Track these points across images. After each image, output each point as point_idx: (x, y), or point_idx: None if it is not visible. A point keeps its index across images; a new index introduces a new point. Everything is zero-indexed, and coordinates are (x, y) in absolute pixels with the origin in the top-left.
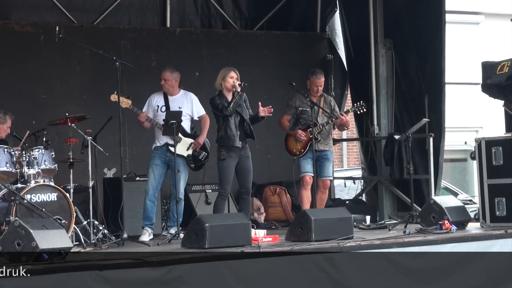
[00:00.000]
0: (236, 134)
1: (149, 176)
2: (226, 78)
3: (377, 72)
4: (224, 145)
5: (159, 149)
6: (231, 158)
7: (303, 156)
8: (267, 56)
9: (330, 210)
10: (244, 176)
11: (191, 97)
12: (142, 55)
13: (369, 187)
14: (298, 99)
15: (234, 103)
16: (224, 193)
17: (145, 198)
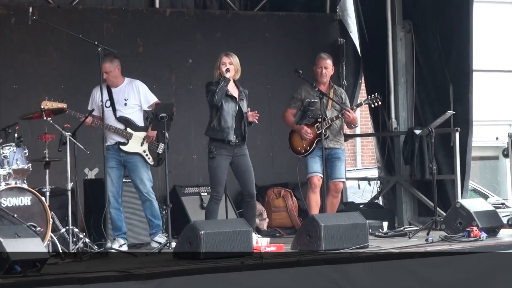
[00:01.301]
0: (231, 126)
1: (107, 183)
2: (219, 65)
3: (395, 58)
4: (215, 138)
5: (111, 149)
6: (222, 157)
7: (309, 154)
8: (270, 40)
9: (342, 216)
10: (242, 177)
11: (137, 85)
12: (127, 40)
13: (386, 189)
14: (304, 90)
15: (220, 89)
16: (216, 196)
17: (108, 207)
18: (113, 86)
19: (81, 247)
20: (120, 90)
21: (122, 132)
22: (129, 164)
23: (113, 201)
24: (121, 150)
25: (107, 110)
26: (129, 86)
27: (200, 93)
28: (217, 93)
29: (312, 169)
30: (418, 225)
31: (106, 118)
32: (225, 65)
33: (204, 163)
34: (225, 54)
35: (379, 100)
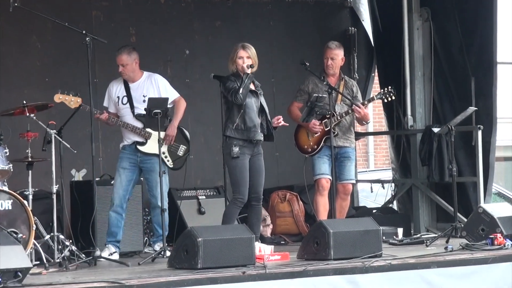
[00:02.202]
0: (257, 124)
1: (115, 182)
2: (235, 60)
3: (412, 49)
4: (238, 138)
5: (127, 149)
6: (245, 156)
7: (316, 153)
8: (275, 29)
9: (353, 221)
10: (254, 178)
11: (156, 80)
12: (118, 29)
13: (401, 193)
14: (311, 82)
15: (244, 87)
16: (241, 199)
17: (109, 209)
18: (131, 81)
19: (67, 255)
20: (138, 86)
21: (141, 131)
22: (146, 165)
23: (117, 204)
24: (138, 151)
25: (123, 107)
26: (148, 81)
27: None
28: (241, 92)
29: (319, 170)
30: (436, 232)
31: (122, 116)
32: (243, 59)
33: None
34: (242, 46)
35: (393, 94)
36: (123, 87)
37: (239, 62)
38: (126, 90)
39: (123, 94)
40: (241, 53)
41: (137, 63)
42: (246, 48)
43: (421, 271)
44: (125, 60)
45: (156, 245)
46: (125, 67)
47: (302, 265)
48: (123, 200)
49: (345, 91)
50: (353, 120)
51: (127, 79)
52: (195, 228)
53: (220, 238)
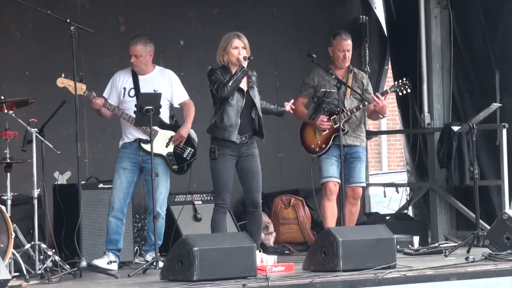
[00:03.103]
0: (235, 124)
1: (114, 184)
2: (228, 50)
3: (429, 39)
4: (216, 137)
5: (128, 147)
6: (225, 157)
7: (324, 153)
8: (278, 17)
9: (364, 229)
10: (246, 182)
11: (170, 76)
12: (106, 17)
13: (417, 198)
14: (317, 75)
15: (234, 81)
16: (222, 205)
17: (108, 214)
18: (141, 73)
19: (49, 266)
20: (149, 79)
21: (146, 128)
22: (148, 166)
23: (117, 208)
24: (141, 149)
25: (130, 99)
26: (160, 75)
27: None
28: (229, 85)
29: (327, 173)
30: (456, 240)
31: (127, 109)
32: (238, 50)
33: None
34: (236, 35)
35: (409, 86)
36: (131, 78)
37: (234, 53)
38: (134, 82)
39: (131, 86)
40: (236, 42)
41: (152, 56)
42: (241, 37)
43: (440, 283)
44: (139, 51)
45: (147, 255)
46: (138, 59)
47: (308, 277)
48: (123, 204)
49: (354, 85)
50: (363, 117)
51: (137, 71)
52: (190, 236)
53: (218, 247)
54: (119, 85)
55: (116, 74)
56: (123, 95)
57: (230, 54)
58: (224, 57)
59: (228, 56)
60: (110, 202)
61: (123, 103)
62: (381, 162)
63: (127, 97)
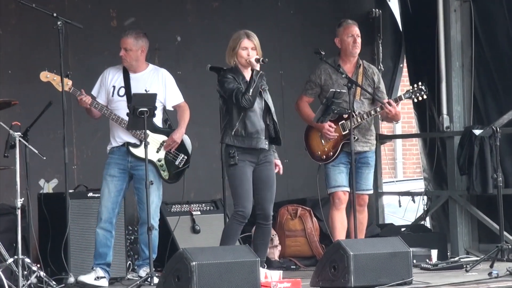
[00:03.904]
0: (261, 130)
1: (102, 193)
2: (237, 51)
3: (448, 35)
4: (238, 146)
5: (116, 152)
6: (245, 163)
7: (332, 161)
8: (283, 11)
9: (378, 242)
10: (261, 192)
11: (164, 76)
12: (96, 11)
13: (435, 207)
14: (324, 73)
15: (254, 88)
16: (243, 213)
17: (96, 226)
18: (132, 71)
19: (34, 282)
20: (141, 77)
21: (136, 130)
22: (138, 172)
23: (106, 219)
24: (130, 154)
25: (119, 99)
26: (153, 74)
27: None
28: (250, 95)
29: (335, 182)
30: (478, 254)
31: (116, 110)
32: (247, 51)
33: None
34: (246, 34)
35: (425, 92)
36: (121, 76)
37: (243, 54)
38: (125, 80)
39: (121, 85)
40: (245, 43)
41: (144, 52)
42: (251, 37)
43: None
44: (129, 44)
45: (141, 270)
46: (128, 53)
47: None
48: (112, 214)
49: (364, 82)
50: (373, 119)
51: (127, 67)
52: (188, 249)
53: (218, 262)
54: (109, 83)
55: (106, 70)
56: (112, 94)
57: (239, 56)
58: (233, 58)
59: (237, 57)
60: (98, 213)
61: (112, 103)
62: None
63: (116, 96)
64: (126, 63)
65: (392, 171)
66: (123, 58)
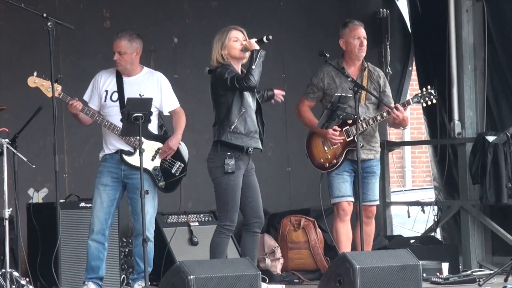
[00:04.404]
0: (257, 130)
1: (94, 203)
2: (227, 44)
3: (459, 36)
4: (235, 145)
5: (109, 160)
6: (240, 171)
7: (336, 169)
8: (285, 12)
9: (385, 254)
10: (254, 198)
11: (159, 80)
12: (89, 11)
13: (446, 218)
14: (327, 76)
15: (256, 64)
16: (229, 227)
17: (88, 237)
18: (126, 74)
19: None
20: (135, 81)
21: (130, 137)
22: (132, 182)
23: (98, 230)
24: (123, 162)
25: (112, 104)
26: (148, 78)
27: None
28: (253, 72)
29: (339, 191)
30: (492, 267)
31: (109, 115)
32: (239, 40)
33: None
34: (232, 27)
35: (434, 96)
36: (114, 80)
37: (235, 45)
38: (118, 84)
39: (114, 89)
40: (235, 33)
41: (138, 54)
42: (238, 28)
43: None
44: (124, 47)
45: (136, 284)
46: (122, 56)
47: None
48: (105, 225)
49: (370, 86)
50: (378, 125)
51: (122, 71)
52: (185, 262)
53: (218, 276)
54: (101, 87)
55: (98, 74)
56: (104, 99)
57: (230, 48)
58: (223, 54)
59: (228, 51)
60: (90, 224)
61: (104, 108)
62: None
63: (109, 101)
64: (121, 67)
65: (401, 179)
66: (117, 62)
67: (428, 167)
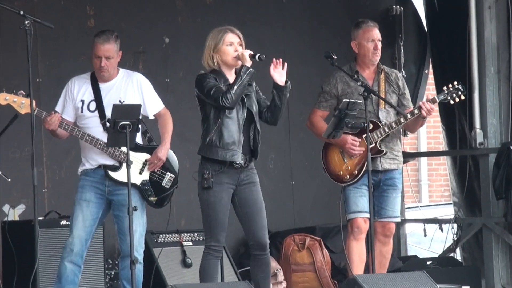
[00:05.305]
0: (238, 142)
1: (74, 220)
2: (220, 47)
3: (481, 36)
4: (212, 160)
5: (91, 174)
6: (222, 186)
7: (357, 181)
8: (288, 10)
9: (400, 277)
10: (249, 218)
11: (139, 81)
12: (70, 9)
13: (467, 237)
14: (340, 81)
15: (239, 85)
16: (216, 247)
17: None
18: (103, 80)
19: None
20: (113, 86)
21: (114, 151)
22: (118, 198)
23: (77, 252)
24: (108, 178)
25: (90, 115)
26: (126, 81)
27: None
28: (233, 92)
29: (355, 206)
30: None
31: (87, 127)
32: (234, 46)
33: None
34: (228, 29)
35: (462, 92)
36: (90, 87)
37: (229, 50)
38: (94, 91)
39: (91, 98)
40: (230, 37)
41: (120, 56)
42: (235, 31)
43: None
44: (112, 51)
45: None
46: (110, 61)
47: None
48: (84, 246)
49: (388, 89)
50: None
51: (103, 77)
52: (178, 286)
53: None
54: (76, 97)
55: (70, 82)
56: (81, 110)
57: (223, 53)
58: (214, 58)
59: (220, 55)
60: (67, 243)
61: (82, 119)
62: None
63: (87, 112)
64: (106, 74)
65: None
66: (104, 69)
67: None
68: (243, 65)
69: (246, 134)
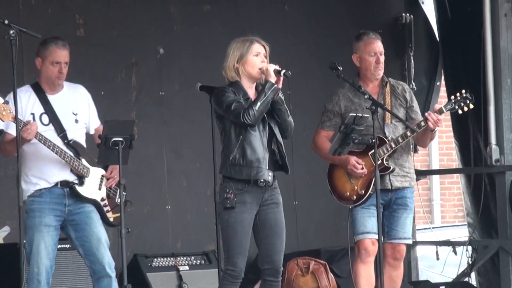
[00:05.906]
0: (262, 158)
1: (36, 249)
2: (247, 59)
3: (496, 45)
4: (235, 179)
5: (47, 195)
6: (245, 206)
7: (364, 202)
8: (291, 17)
9: None
10: (269, 241)
11: (85, 94)
12: (58, 17)
13: (483, 260)
14: (343, 98)
15: (264, 101)
16: (231, 272)
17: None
18: (51, 91)
19: None
20: (62, 98)
21: (78, 165)
22: (80, 217)
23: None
24: (69, 196)
25: (45, 129)
26: (74, 92)
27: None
28: (256, 108)
29: (363, 227)
30: None
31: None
32: (260, 56)
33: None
34: (255, 39)
35: (471, 101)
36: (37, 99)
37: (256, 61)
38: (43, 104)
39: (41, 111)
40: (257, 47)
41: None
42: (262, 41)
43: None
44: (68, 57)
45: None
46: (66, 68)
47: None
48: (50, 274)
49: (395, 103)
50: (410, 145)
51: (58, 87)
52: None
53: None
54: (24, 110)
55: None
56: None
57: (249, 64)
58: (239, 68)
59: (246, 67)
60: (32, 274)
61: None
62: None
63: (40, 126)
64: (60, 82)
65: (428, 215)
66: (61, 76)
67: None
68: (267, 80)
69: (269, 149)
